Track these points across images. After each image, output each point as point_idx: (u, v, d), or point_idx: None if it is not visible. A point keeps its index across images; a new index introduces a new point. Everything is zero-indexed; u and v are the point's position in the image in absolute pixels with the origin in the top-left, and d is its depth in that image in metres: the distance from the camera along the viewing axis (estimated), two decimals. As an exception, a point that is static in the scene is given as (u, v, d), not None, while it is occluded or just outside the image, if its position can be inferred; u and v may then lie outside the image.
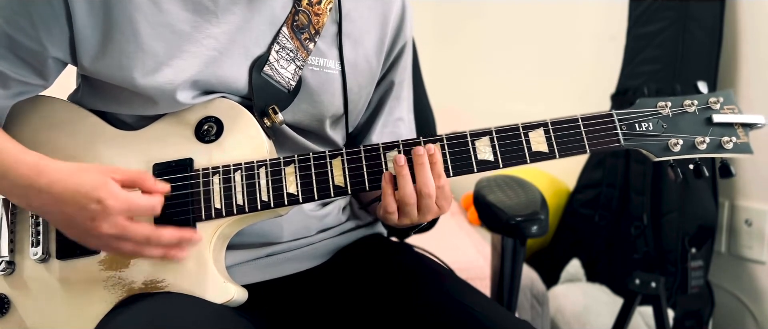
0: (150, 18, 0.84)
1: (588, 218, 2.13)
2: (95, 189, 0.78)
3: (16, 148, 0.84)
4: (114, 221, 0.78)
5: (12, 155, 0.82)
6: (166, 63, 0.85)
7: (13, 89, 0.88)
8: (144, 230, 0.80)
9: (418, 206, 0.86)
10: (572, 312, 1.88)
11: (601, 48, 2.24)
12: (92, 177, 0.79)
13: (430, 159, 0.85)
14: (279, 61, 0.91)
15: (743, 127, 0.87)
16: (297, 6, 0.93)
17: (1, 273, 0.89)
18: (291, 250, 0.98)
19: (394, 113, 1.07)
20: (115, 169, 0.82)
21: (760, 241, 1.84)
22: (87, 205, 0.77)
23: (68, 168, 0.80)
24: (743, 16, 1.88)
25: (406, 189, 0.85)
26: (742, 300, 1.89)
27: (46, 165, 0.81)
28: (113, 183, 0.78)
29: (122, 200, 0.78)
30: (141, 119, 0.91)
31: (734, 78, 1.89)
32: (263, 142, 0.89)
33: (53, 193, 0.79)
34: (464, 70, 2.83)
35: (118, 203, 0.78)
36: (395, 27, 1.01)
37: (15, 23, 0.83)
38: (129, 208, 0.79)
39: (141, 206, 0.80)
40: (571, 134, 0.86)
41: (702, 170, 0.88)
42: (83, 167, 0.81)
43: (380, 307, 0.92)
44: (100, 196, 0.77)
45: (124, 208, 0.78)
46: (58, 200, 0.79)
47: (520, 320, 0.91)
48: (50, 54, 0.86)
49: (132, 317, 0.78)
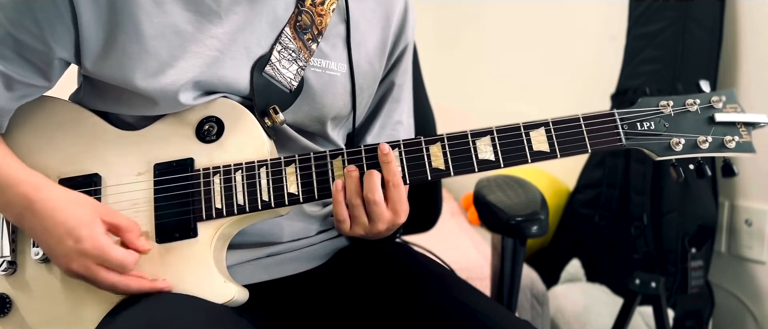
0: (153, 19, 0.84)
1: (588, 218, 2.13)
2: (79, 227, 0.79)
3: (17, 166, 0.85)
4: (84, 262, 0.80)
5: (12, 173, 0.83)
6: (169, 64, 0.85)
7: (17, 91, 0.88)
8: (111, 278, 0.81)
9: (367, 213, 0.85)
10: (572, 312, 1.88)
11: (601, 48, 2.24)
12: (81, 214, 0.80)
13: (384, 159, 0.84)
14: (281, 62, 0.91)
15: (746, 126, 0.87)
16: (300, 6, 0.92)
17: (3, 272, 0.89)
18: (291, 250, 0.98)
19: (393, 116, 1.06)
20: (108, 211, 0.83)
21: (760, 241, 1.84)
22: (64, 240, 0.79)
23: (62, 200, 0.81)
24: (743, 16, 1.88)
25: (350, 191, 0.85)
26: (742, 300, 1.89)
27: (43, 191, 0.82)
28: (98, 225, 0.80)
29: (98, 247, 0.79)
30: (142, 119, 0.91)
31: (734, 78, 1.90)
32: (264, 142, 0.88)
33: (43, 222, 0.80)
34: (464, 70, 2.84)
35: (93, 248, 0.79)
36: (397, 28, 1.01)
37: (20, 24, 0.82)
38: (101, 257, 0.80)
39: (114, 259, 0.80)
40: (572, 133, 0.86)
41: (704, 169, 0.87)
42: (76, 201, 0.82)
43: (381, 308, 0.92)
44: (80, 234, 0.79)
45: (96, 255, 0.79)
46: (44, 230, 0.81)
47: (520, 320, 0.91)
48: (56, 55, 0.86)
49: (132, 317, 0.78)
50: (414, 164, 0.86)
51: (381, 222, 0.85)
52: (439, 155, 0.86)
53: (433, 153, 0.87)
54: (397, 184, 0.84)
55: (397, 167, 0.85)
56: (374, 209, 0.84)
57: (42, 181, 0.83)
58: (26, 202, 0.81)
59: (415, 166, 0.86)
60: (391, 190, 0.84)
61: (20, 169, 0.84)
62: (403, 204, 0.86)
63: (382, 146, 0.85)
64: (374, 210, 0.84)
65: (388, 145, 0.85)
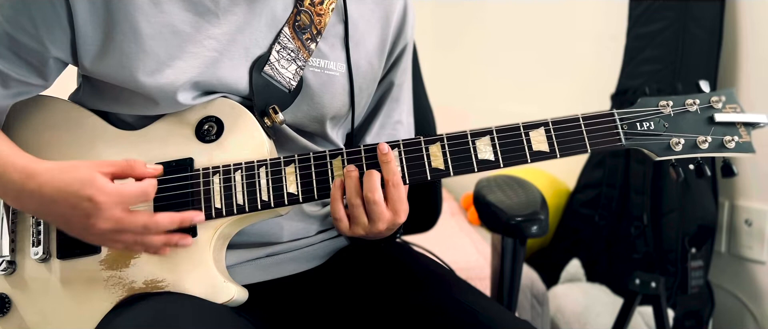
0: (151, 19, 0.84)
1: (588, 218, 2.13)
2: (84, 187, 0.77)
3: (9, 150, 0.84)
4: (108, 215, 0.78)
5: (4, 159, 0.82)
6: (167, 64, 0.85)
7: (13, 88, 0.88)
8: (140, 218, 0.79)
9: (367, 213, 0.85)
10: (572, 312, 1.88)
11: (601, 48, 2.24)
12: (80, 174, 0.78)
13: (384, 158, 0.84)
14: (280, 61, 0.91)
15: (745, 126, 0.87)
16: (299, 6, 0.92)
17: (2, 272, 0.89)
18: (291, 250, 0.98)
19: (393, 116, 1.06)
20: (102, 162, 0.81)
21: (760, 241, 1.84)
22: (79, 204, 0.77)
23: (56, 167, 0.80)
24: (743, 16, 1.87)
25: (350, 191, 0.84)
26: (742, 300, 1.89)
27: (35, 167, 0.80)
28: (102, 178, 0.78)
29: (112, 193, 0.77)
30: (142, 119, 0.91)
31: (734, 78, 1.89)
32: (263, 142, 0.88)
33: (45, 195, 0.79)
34: (464, 70, 2.84)
35: (108, 197, 0.77)
36: (397, 28, 1.01)
37: (16, 22, 0.82)
38: (120, 199, 0.78)
39: (132, 194, 0.79)
40: (572, 133, 0.86)
41: (703, 169, 0.87)
42: (71, 165, 0.80)
43: (380, 307, 0.92)
44: (90, 193, 0.77)
45: (115, 201, 0.77)
46: (51, 201, 0.79)
47: (520, 320, 0.91)
48: (51, 54, 0.85)
49: (132, 317, 0.78)
50: (413, 164, 0.86)
51: (381, 222, 0.85)
52: (439, 155, 0.86)
53: (433, 153, 0.87)
54: (396, 184, 0.84)
55: (396, 167, 0.85)
56: (374, 209, 0.84)
57: (31, 160, 0.82)
58: (21, 185, 0.79)
59: (415, 166, 0.86)
60: (390, 190, 0.84)
61: (13, 153, 0.83)
62: (403, 204, 0.86)
63: (381, 146, 0.85)
64: (374, 210, 0.84)
65: (387, 145, 0.85)
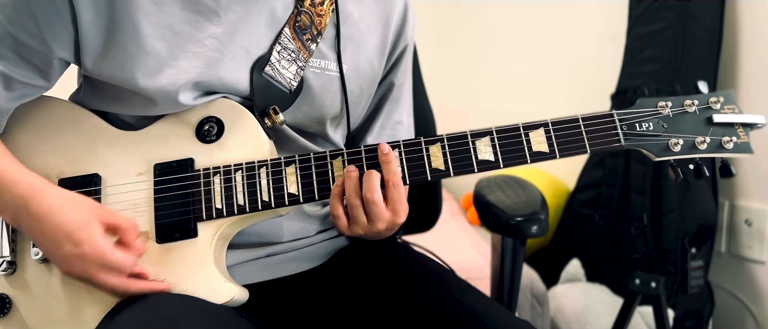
0: (152, 18, 0.84)
1: (588, 218, 2.13)
2: (77, 230, 0.78)
3: (14, 167, 0.84)
4: (83, 266, 0.79)
5: (9, 175, 0.82)
6: (168, 64, 0.85)
7: (17, 91, 0.88)
8: (112, 281, 0.80)
9: (366, 213, 0.85)
10: (572, 312, 1.88)
11: (601, 48, 2.24)
12: (79, 215, 0.79)
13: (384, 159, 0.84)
14: (280, 62, 0.91)
15: (743, 127, 0.87)
16: (299, 6, 0.92)
17: (2, 272, 0.89)
18: (291, 250, 0.99)
19: (393, 116, 1.06)
20: (105, 212, 0.82)
21: (760, 241, 1.84)
22: (63, 244, 0.78)
23: (60, 201, 0.80)
24: (743, 16, 1.88)
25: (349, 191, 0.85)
26: (742, 300, 1.89)
27: (40, 192, 0.81)
28: (96, 228, 0.79)
29: (97, 250, 0.78)
30: (142, 119, 0.91)
31: (734, 78, 1.89)
32: (264, 142, 0.89)
33: (40, 224, 0.80)
34: (464, 70, 2.84)
35: (92, 252, 0.78)
36: (397, 28, 1.01)
37: (18, 23, 0.82)
38: (101, 260, 0.79)
39: (113, 262, 0.80)
40: (571, 134, 0.86)
41: (702, 169, 0.88)
42: (74, 202, 0.81)
43: (380, 307, 0.92)
44: (78, 238, 0.78)
45: (95, 258, 0.79)
46: (42, 231, 0.80)
47: (520, 320, 0.91)
48: (55, 55, 0.85)
49: (132, 317, 0.78)
50: (414, 165, 0.87)
51: (380, 222, 0.85)
52: (439, 156, 0.87)
53: (433, 154, 0.87)
54: (396, 184, 0.85)
55: (397, 167, 0.85)
56: (373, 209, 0.84)
57: (39, 182, 0.82)
58: (22, 203, 0.80)
59: (415, 166, 0.87)
60: (390, 190, 0.84)
61: (17, 169, 0.84)
62: (403, 204, 0.86)
63: (382, 146, 0.85)
64: (373, 210, 0.84)
65: (388, 145, 0.85)
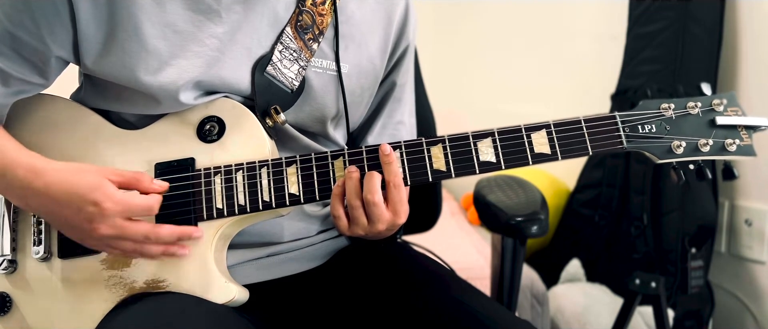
0: (153, 17, 0.84)
1: (588, 218, 2.13)
2: (91, 191, 0.78)
3: (14, 148, 0.84)
4: (111, 222, 0.79)
5: (10, 156, 0.82)
6: (169, 63, 0.85)
7: (13, 87, 0.88)
8: (142, 228, 0.80)
9: (366, 214, 0.85)
10: (572, 312, 1.88)
11: (601, 48, 2.24)
12: (89, 179, 0.79)
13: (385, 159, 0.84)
14: (282, 61, 0.91)
15: (746, 129, 0.87)
16: (301, 6, 0.92)
17: (3, 271, 0.89)
18: (292, 250, 0.98)
19: (395, 116, 1.06)
20: (112, 170, 0.82)
21: (760, 241, 1.84)
22: (84, 207, 0.78)
23: (66, 169, 0.81)
24: (743, 16, 1.88)
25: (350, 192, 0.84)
26: (742, 300, 1.90)
27: (43, 166, 0.81)
28: (110, 185, 0.79)
29: (119, 201, 0.78)
30: (143, 118, 0.91)
31: (734, 78, 1.89)
32: (265, 142, 0.88)
33: (50, 195, 0.79)
34: (464, 70, 2.84)
35: (114, 205, 0.78)
36: (398, 28, 1.01)
37: (17, 20, 0.82)
38: (126, 209, 0.79)
39: (138, 206, 0.80)
40: (573, 135, 0.86)
41: (704, 171, 0.87)
42: (80, 168, 0.81)
43: (381, 308, 0.92)
44: (96, 198, 0.78)
45: (120, 209, 0.79)
46: (56, 202, 0.79)
47: (520, 320, 0.91)
48: (53, 53, 0.85)
49: (133, 316, 0.78)
50: (415, 166, 0.86)
51: (380, 223, 0.85)
52: (440, 157, 0.86)
53: (434, 154, 0.87)
54: (397, 185, 0.84)
55: (398, 168, 0.85)
56: (373, 211, 0.84)
57: (39, 158, 0.82)
58: (27, 182, 0.80)
59: (416, 167, 0.86)
60: (391, 191, 0.84)
61: (19, 150, 0.84)
62: (404, 205, 0.86)
63: (383, 147, 0.85)
64: (373, 211, 0.84)
65: (389, 146, 0.85)
